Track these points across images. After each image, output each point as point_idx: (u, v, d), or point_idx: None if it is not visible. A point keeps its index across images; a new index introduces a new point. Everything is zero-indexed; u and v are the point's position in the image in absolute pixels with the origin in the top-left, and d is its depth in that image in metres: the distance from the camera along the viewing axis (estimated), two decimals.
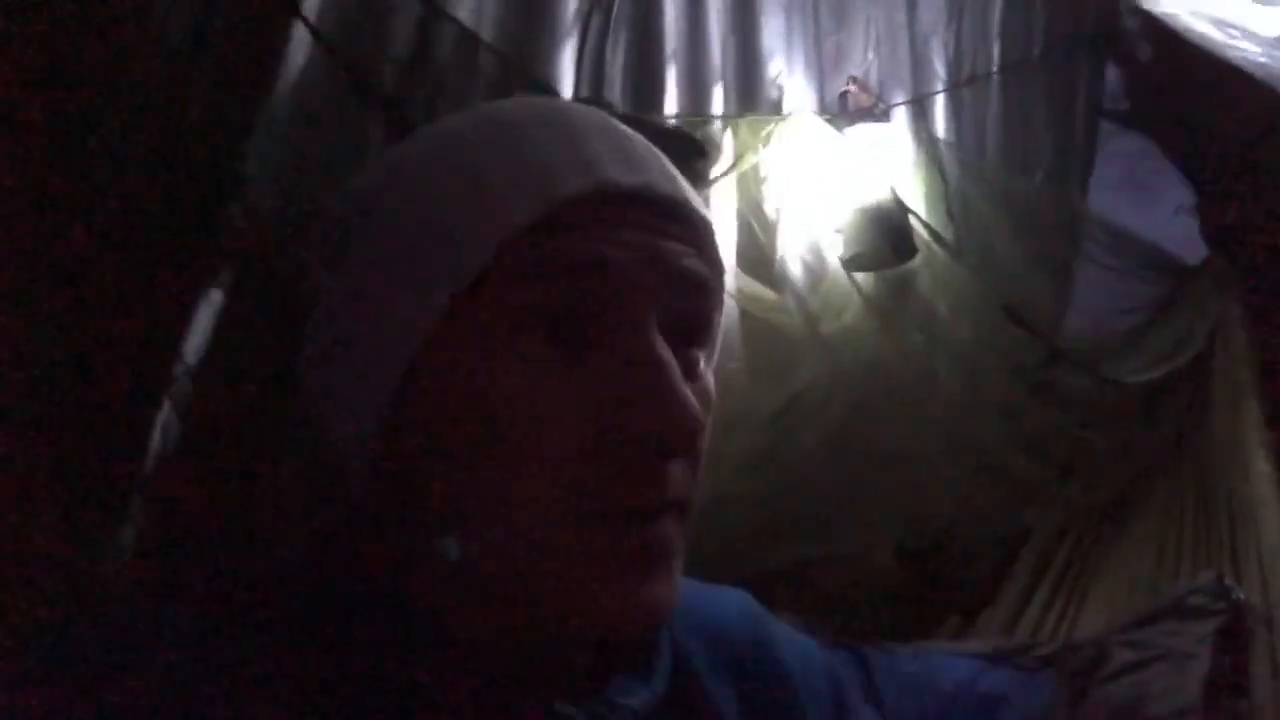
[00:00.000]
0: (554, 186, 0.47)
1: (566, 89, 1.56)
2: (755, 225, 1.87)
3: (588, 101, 1.65)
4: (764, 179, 1.88)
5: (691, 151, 1.63)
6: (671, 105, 1.78)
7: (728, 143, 1.84)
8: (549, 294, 0.46)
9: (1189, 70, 2.32)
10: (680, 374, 0.46)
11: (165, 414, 1.19)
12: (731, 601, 0.67)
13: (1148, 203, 2.61)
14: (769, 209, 1.89)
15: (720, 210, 1.80)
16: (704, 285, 0.51)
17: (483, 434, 0.46)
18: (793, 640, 0.66)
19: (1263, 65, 2.14)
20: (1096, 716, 1.44)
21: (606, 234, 0.47)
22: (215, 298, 1.23)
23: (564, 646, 0.51)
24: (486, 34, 1.45)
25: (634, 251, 0.47)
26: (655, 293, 0.48)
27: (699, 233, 0.51)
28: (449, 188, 0.49)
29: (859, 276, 2.00)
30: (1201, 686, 1.35)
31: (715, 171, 1.78)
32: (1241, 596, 1.49)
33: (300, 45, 1.29)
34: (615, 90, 1.65)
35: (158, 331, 1.18)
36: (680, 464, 0.47)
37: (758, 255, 1.88)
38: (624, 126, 0.53)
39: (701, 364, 0.51)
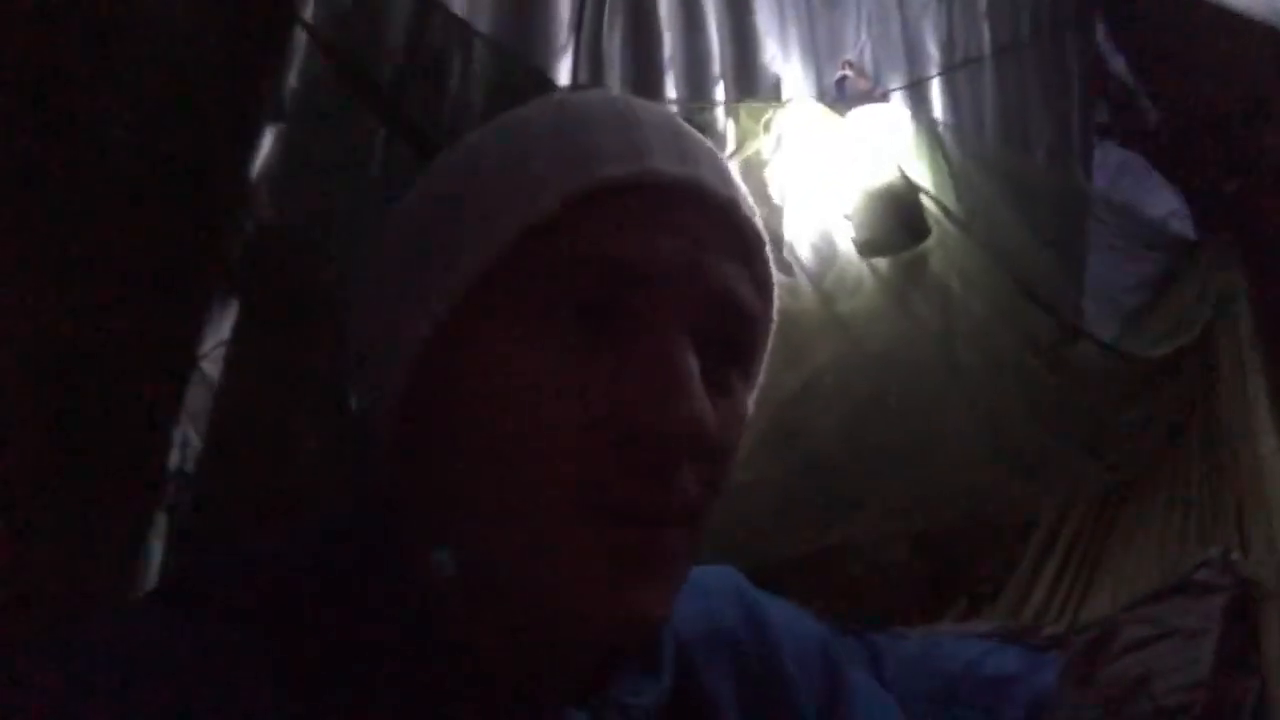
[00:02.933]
0: (595, 168, 0.45)
1: (564, 79, 1.55)
2: (761, 209, 1.86)
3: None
4: (766, 163, 1.88)
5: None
6: (670, 93, 1.77)
7: (729, 129, 1.84)
8: (580, 284, 0.44)
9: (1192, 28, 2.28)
10: (699, 382, 0.44)
11: (179, 417, 1.19)
12: (720, 583, 0.64)
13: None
14: (774, 193, 1.89)
15: None
16: (746, 312, 0.47)
17: (495, 415, 0.44)
18: (784, 617, 0.64)
19: (1270, 7, 2.09)
20: (1104, 694, 1.44)
21: (650, 233, 0.45)
22: (223, 301, 1.25)
23: (561, 644, 0.49)
24: (482, 24, 1.45)
25: (675, 258, 0.45)
26: (689, 305, 0.45)
27: (750, 245, 0.49)
28: (493, 161, 0.47)
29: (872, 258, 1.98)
30: (1210, 663, 1.34)
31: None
32: (1248, 572, 1.48)
33: (297, 45, 1.29)
34: (615, 79, 1.65)
35: (166, 332, 1.19)
36: (694, 475, 0.45)
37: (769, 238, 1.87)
38: (682, 121, 0.51)
39: (736, 382, 0.49)
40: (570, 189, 0.44)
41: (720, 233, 0.47)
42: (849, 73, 2.03)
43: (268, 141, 1.27)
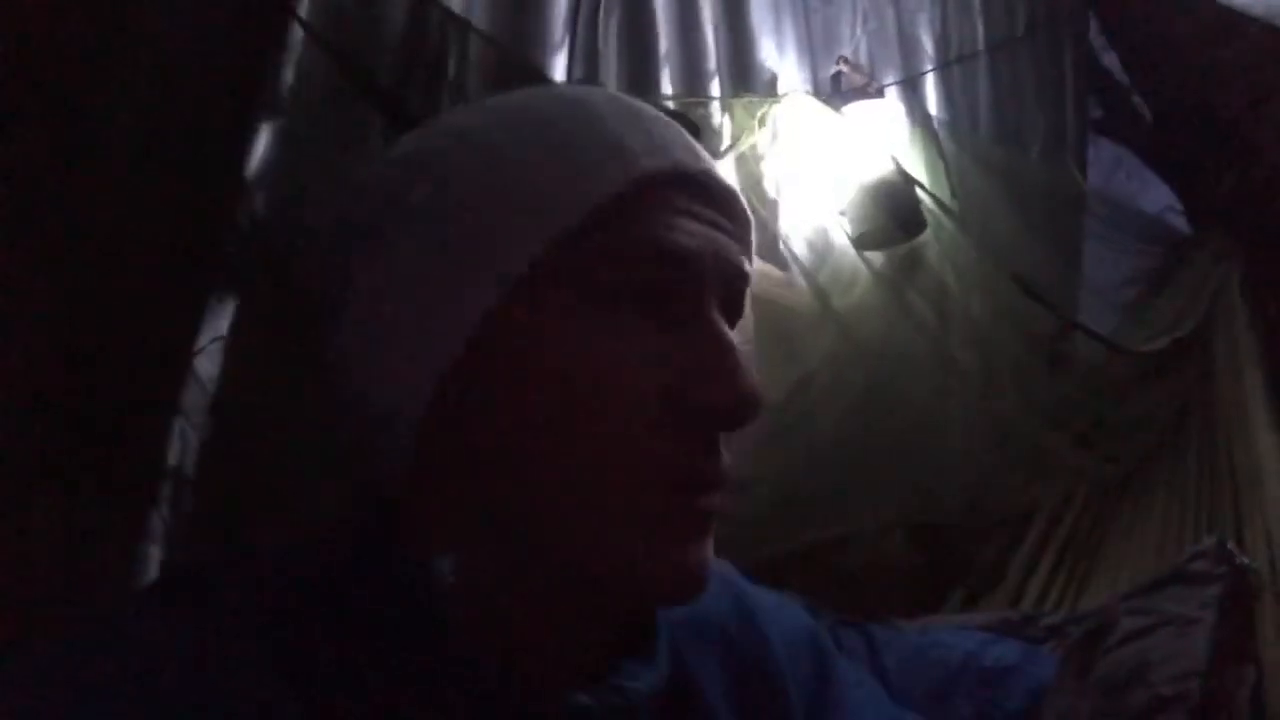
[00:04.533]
0: (635, 163, 0.49)
1: (559, 74, 1.56)
2: (756, 204, 1.86)
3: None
4: (762, 157, 1.88)
5: (687, 132, 1.62)
6: (666, 88, 1.77)
7: (725, 125, 1.84)
8: (640, 269, 0.48)
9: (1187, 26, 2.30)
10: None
11: (178, 416, 1.18)
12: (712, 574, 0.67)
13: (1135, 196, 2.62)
14: (769, 187, 1.89)
15: None
16: (746, 278, 0.54)
17: (566, 395, 0.47)
18: (773, 608, 0.66)
19: (1268, 5, 2.11)
20: (1101, 684, 1.44)
21: (688, 222, 0.50)
22: (222, 299, 1.23)
23: (608, 615, 0.52)
24: (478, 20, 1.45)
25: (708, 245, 0.50)
26: (718, 284, 0.51)
27: (744, 225, 0.54)
28: (531, 154, 0.49)
29: (867, 252, 1.98)
30: (1206, 651, 1.34)
31: (713, 153, 1.77)
32: (1244, 560, 1.48)
33: (294, 41, 1.29)
34: (610, 75, 1.65)
35: (166, 332, 1.18)
36: (726, 439, 0.50)
37: (760, 233, 1.87)
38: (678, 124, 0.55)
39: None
40: (617, 180, 0.48)
41: (724, 217, 0.52)
42: (844, 68, 2.03)
43: (264, 136, 1.27)
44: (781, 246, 1.89)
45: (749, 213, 0.55)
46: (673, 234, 0.49)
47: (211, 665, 0.43)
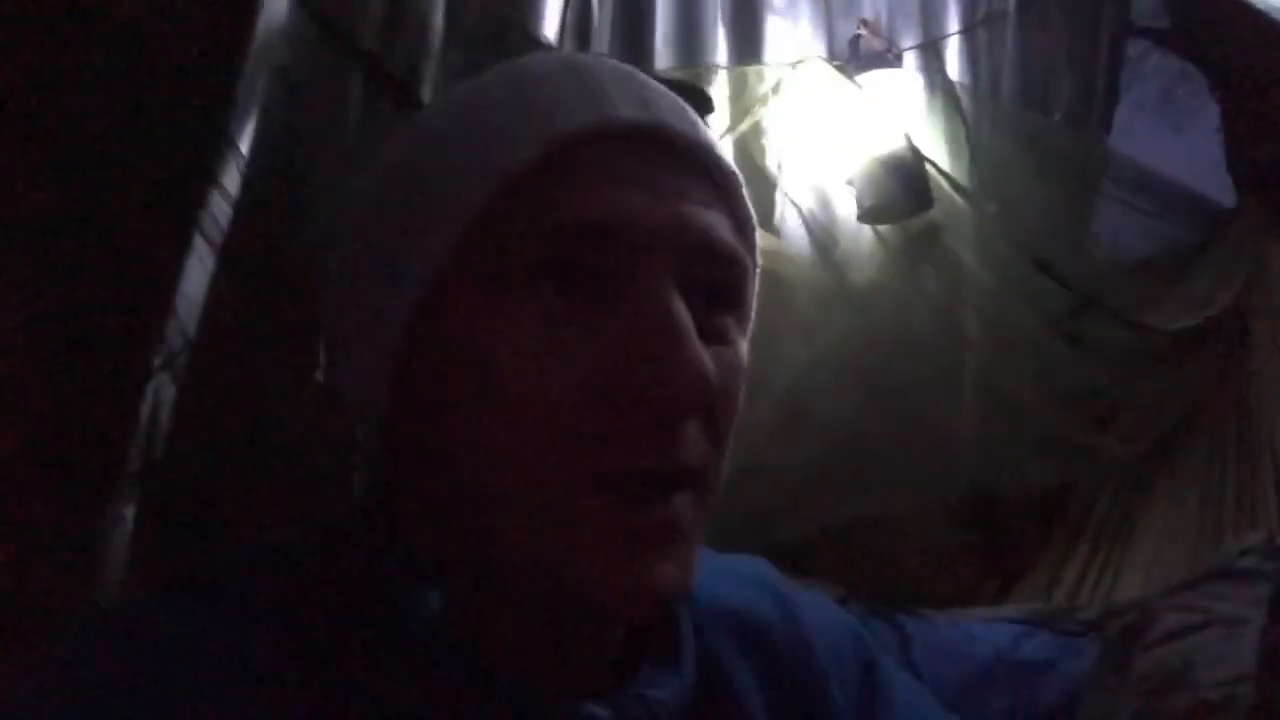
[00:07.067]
0: (555, 122, 0.44)
1: (551, 34, 1.48)
2: (760, 178, 1.81)
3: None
4: (765, 130, 1.82)
5: (698, 105, 1.54)
6: (666, 55, 1.70)
7: (728, 93, 1.76)
8: (555, 248, 0.43)
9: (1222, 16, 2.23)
10: (696, 334, 0.43)
11: (161, 391, 1.16)
12: (751, 575, 0.64)
13: (1184, 123, 2.50)
14: (770, 161, 1.83)
15: None
16: (730, 252, 0.47)
17: (485, 387, 0.43)
18: (815, 609, 0.64)
19: None
20: (1142, 684, 1.37)
21: (615, 185, 0.44)
22: (207, 267, 1.19)
23: (577, 626, 0.48)
24: None
25: (647, 208, 0.44)
26: (671, 252, 0.44)
27: (725, 187, 0.48)
28: (451, 130, 0.47)
29: (883, 228, 1.94)
30: (1255, 653, 1.27)
31: (721, 125, 1.70)
32: None
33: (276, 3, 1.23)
34: (603, 41, 1.58)
35: (147, 307, 1.15)
36: (697, 432, 0.44)
37: (763, 208, 1.81)
38: (645, 75, 0.50)
39: (732, 330, 0.48)
40: (531, 146, 0.44)
41: (691, 177, 0.46)
42: (864, 32, 1.95)
43: (247, 103, 1.22)
44: (778, 216, 1.83)
45: (729, 166, 0.48)
46: (590, 201, 0.43)
47: (223, 658, 0.43)
